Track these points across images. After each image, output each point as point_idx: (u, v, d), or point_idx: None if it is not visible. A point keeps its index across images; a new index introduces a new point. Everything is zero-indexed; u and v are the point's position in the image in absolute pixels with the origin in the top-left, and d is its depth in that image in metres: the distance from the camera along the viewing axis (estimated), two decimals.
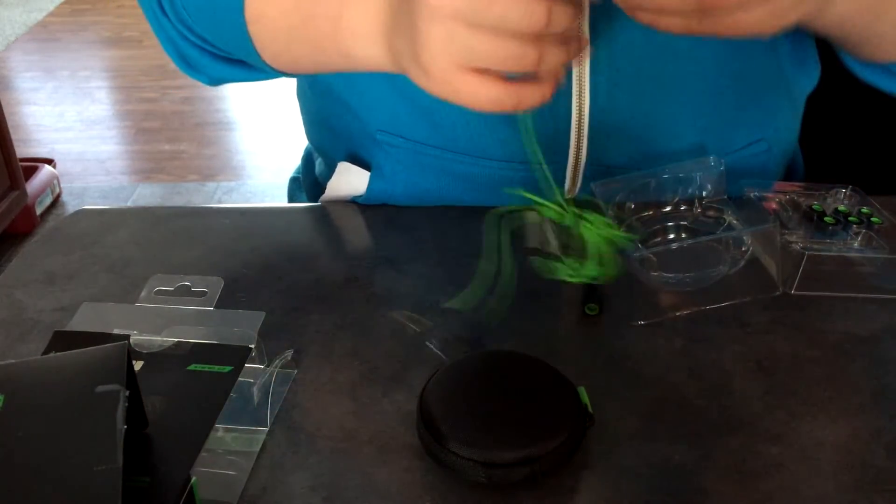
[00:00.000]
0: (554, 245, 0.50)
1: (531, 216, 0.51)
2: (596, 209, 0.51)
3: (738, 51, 0.72)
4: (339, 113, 0.78)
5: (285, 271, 0.70)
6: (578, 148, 0.73)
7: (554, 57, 0.49)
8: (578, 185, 0.75)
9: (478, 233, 0.73)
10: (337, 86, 0.76)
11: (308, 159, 0.91)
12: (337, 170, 0.79)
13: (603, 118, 0.71)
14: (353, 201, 0.80)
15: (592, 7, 0.67)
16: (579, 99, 0.71)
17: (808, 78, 0.79)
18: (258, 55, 0.66)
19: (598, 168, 0.73)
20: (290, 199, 0.95)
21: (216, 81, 0.74)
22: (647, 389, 0.57)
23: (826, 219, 0.66)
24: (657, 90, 0.72)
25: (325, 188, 0.81)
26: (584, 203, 0.50)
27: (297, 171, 0.94)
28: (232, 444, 0.54)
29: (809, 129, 0.85)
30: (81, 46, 3.63)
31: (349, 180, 0.79)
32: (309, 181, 0.90)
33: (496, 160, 0.74)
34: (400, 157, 0.75)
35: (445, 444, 0.50)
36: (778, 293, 0.65)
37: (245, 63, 0.70)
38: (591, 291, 0.61)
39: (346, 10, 0.58)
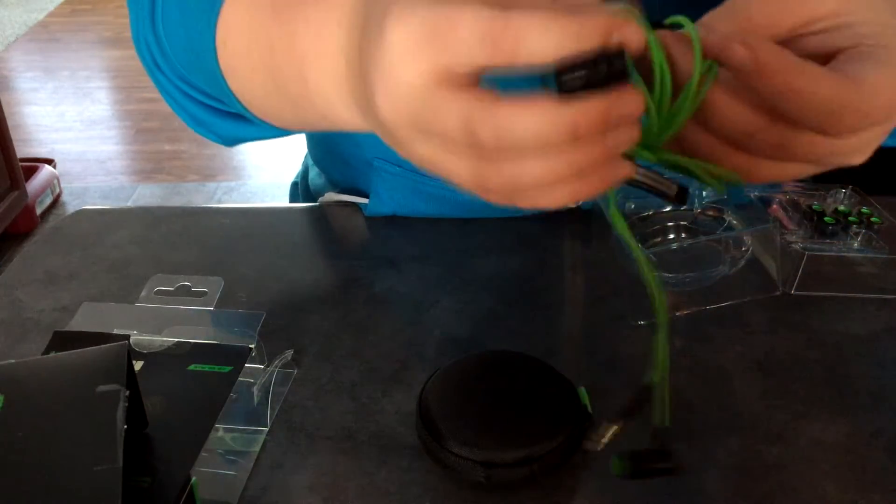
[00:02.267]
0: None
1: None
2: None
3: None
4: (337, 139, 0.78)
5: (285, 271, 0.70)
6: None
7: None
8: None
9: (478, 233, 0.74)
10: None
11: (307, 169, 0.91)
12: (332, 193, 0.79)
13: None
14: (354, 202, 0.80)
15: None
16: None
17: None
18: (248, 111, 0.57)
19: None
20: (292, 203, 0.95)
21: (230, 142, 0.67)
22: (647, 390, 0.57)
23: (826, 219, 0.66)
24: None
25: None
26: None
27: (298, 176, 0.94)
28: (232, 444, 0.54)
29: None
30: (82, 46, 3.63)
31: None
32: (307, 187, 0.90)
33: None
34: (396, 184, 0.74)
35: (445, 444, 0.50)
36: (778, 293, 0.65)
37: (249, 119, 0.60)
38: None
39: (307, 71, 0.47)
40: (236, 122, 0.62)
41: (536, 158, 0.35)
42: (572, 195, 0.37)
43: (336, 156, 0.80)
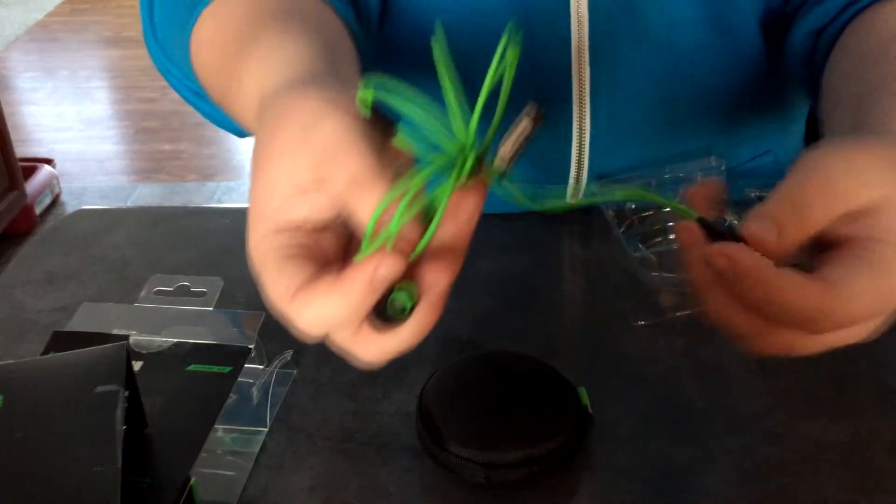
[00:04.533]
0: None
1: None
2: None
3: (745, 72, 0.72)
4: None
5: None
6: (579, 164, 0.73)
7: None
8: (580, 195, 0.75)
9: (478, 233, 0.73)
10: None
11: None
12: None
13: (605, 137, 0.71)
14: None
15: (594, 28, 0.67)
16: (580, 120, 0.71)
17: None
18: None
19: (598, 174, 0.73)
20: None
21: (244, 134, 0.65)
22: (648, 390, 0.57)
23: None
24: (660, 110, 0.72)
25: None
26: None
27: None
28: (231, 444, 0.54)
29: (814, 129, 0.85)
30: (81, 46, 3.63)
31: None
32: None
33: None
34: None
35: (445, 445, 0.50)
36: None
37: None
38: None
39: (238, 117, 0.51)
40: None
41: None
42: None
43: None
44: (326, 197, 0.38)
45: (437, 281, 0.37)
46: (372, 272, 0.35)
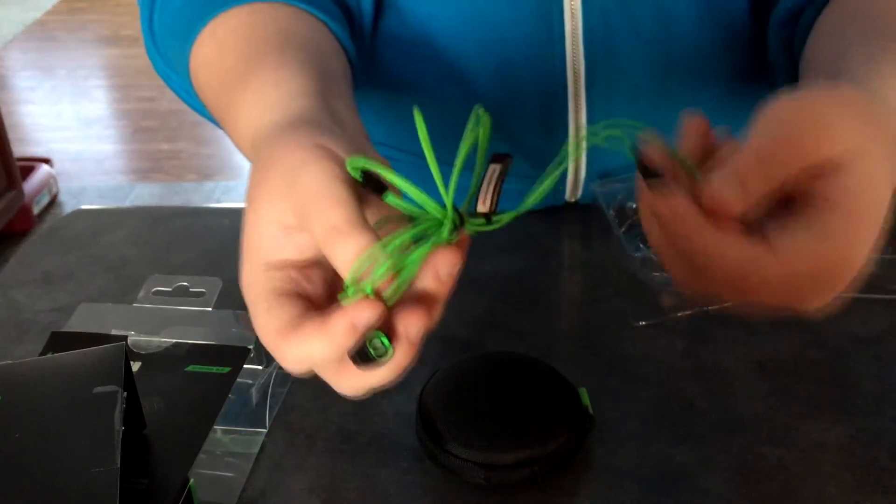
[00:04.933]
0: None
1: None
2: None
3: (739, 63, 0.72)
4: None
5: None
6: (577, 160, 0.73)
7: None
8: (580, 192, 0.75)
9: (477, 233, 0.73)
10: None
11: None
12: None
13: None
14: None
15: (588, 23, 0.67)
16: (575, 114, 0.71)
17: None
18: None
19: (597, 173, 0.73)
20: None
21: None
22: (649, 390, 0.57)
23: None
24: (655, 104, 0.72)
25: None
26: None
27: None
28: (230, 445, 0.54)
29: None
30: (79, 45, 3.63)
31: None
32: None
33: None
34: (399, 170, 0.74)
35: (445, 446, 0.50)
36: None
37: None
38: None
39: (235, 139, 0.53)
40: None
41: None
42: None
43: None
44: (310, 238, 0.40)
45: (411, 327, 0.39)
46: (354, 317, 0.37)
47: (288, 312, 0.40)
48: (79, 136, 2.92)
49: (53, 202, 2.53)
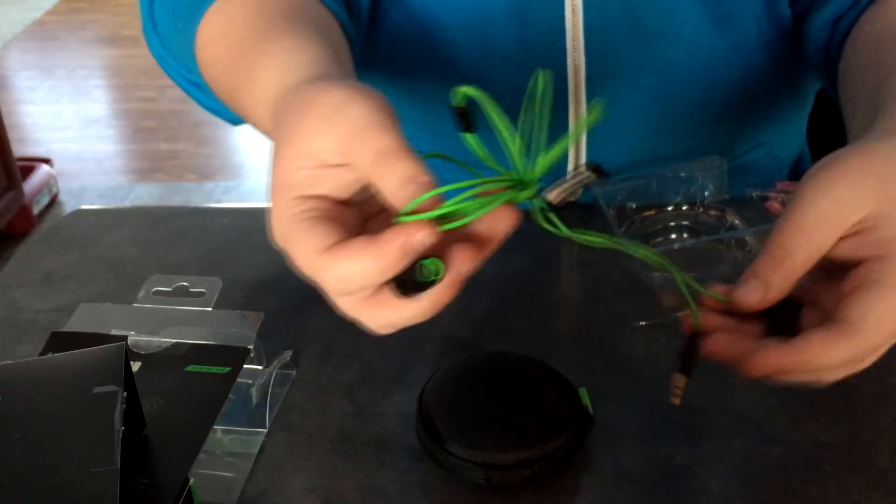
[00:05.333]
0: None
1: None
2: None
3: (741, 64, 0.72)
4: None
5: (284, 271, 0.69)
6: (577, 157, 0.73)
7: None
8: (580, 191, 0.75)
9: None
10: None
11: None
12: None
13: (601, 128, 0.71)
14: None
15: (589, 18, 0.67)
16: (575, 110, 0.71)
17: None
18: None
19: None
20: None
21: (238, 122, 0.67)
22: (648, 390, 0.57)
23: None
24: (654, 99, 0.72)
25: None
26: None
27: None
28: (230, 445, 0.54)
29: (818, 127, 0.85)
30: (79, 45, 3.62)
31: None
32: None
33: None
34: None
35: (445, 446, 0.50)
36: None
37: None
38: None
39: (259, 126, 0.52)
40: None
41: None
42: None
43: None
44: (351, 174, 0.40)
45: (463, 262, 0.39)
46: (409, 236, 0.37)
47: (331, 233, 0.39)
48: (79, 136, 2.91)
49: (53, 202, 2.53)
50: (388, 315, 0.41)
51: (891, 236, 0.42)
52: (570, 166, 0.74)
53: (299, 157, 0.41)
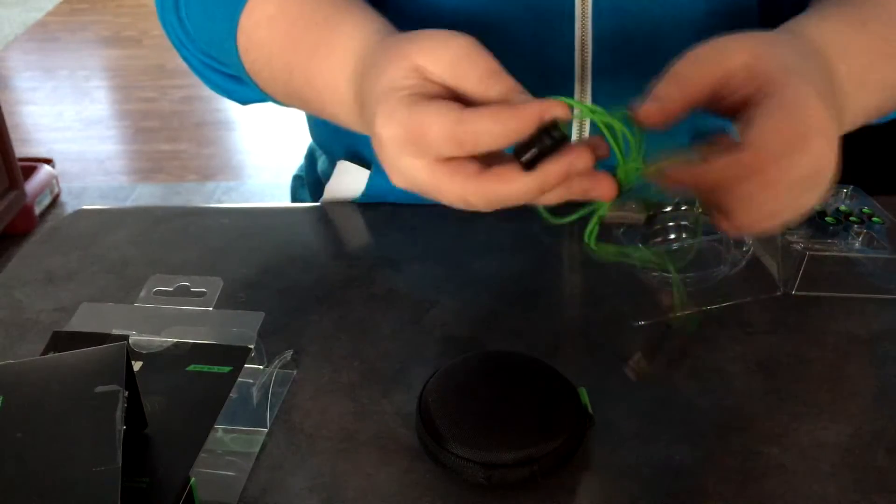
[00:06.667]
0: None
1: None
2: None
3: None
4: None
5: (285, 271, 0.70)
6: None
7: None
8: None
9: (478, 233, 0.73)
10: None
11: (311, 157, 0.91)
12: (336, 169, 0.79)
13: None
14: (353, 201, 0.79)
15: (598, 3, 0.67)
16: (581, 95, 0.71)
17: None
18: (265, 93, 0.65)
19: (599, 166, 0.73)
20: (293, 197, 0.95)
21: (248, 103, 0.72)
22: (648, 390, 0.57)
23: (827, 219, 0.66)
24: None
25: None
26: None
27: (301, 170, 0.94)
28: (231, 444, 0.54)
29: None
30: (80, 46, 3.63)
31: (349, 179, 0.78)
32: (312, 179, 0.90)
33: None
34: None
35: (445, 445, 0.50)
36: (779, 293, 0.65)
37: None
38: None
39: (325, 104, 0.57)
40: (254, 88, 0.66)
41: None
42: (555, 202, 0.48)
43: (339, 130, 0.80)
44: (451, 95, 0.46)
45: (579, 155, 0.44)
46: (544, 108, 0.43)
47: (451, 107, 0.44)
48: (80, 137, 2.92)
49: (55, 202, 2.53)
50: (497, 189, 0.44)
51: (773, 67, 0.47)
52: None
53: (410, 71, 0.46)
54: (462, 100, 0.46)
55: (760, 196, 0.47)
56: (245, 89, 0.68)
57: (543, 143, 0.43)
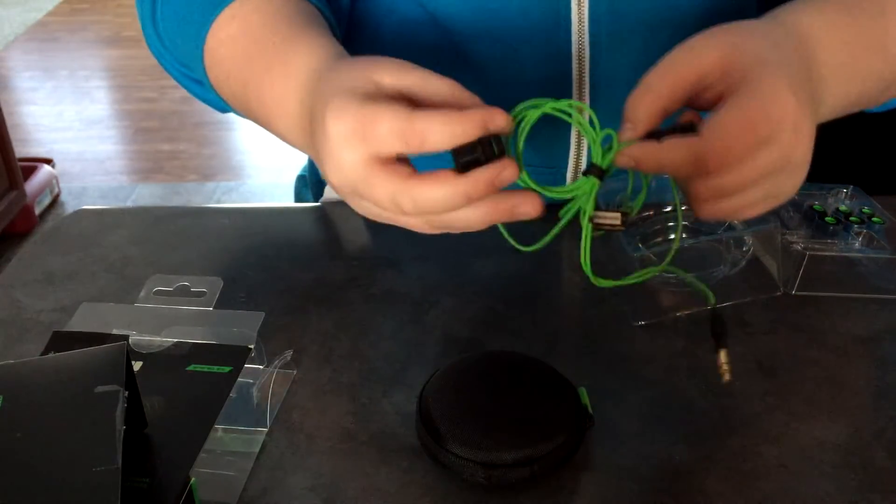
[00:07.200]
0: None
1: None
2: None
3: None
4: None
5: (285, 271, 0.70)
6: (578, 149, 0.73)
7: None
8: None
9: (478, 233, 0.73)
10: None
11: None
12: None
13: (603, 121, 0.71)
14: None
15: (595, 9, 0.67)
16: (579, 100, 0.71)
17: None
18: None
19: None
20: (297, 197, 0.95)
21: (226, 111, 0.71)
22: (648, 390, 0.57)
23: (827, 219, 0.66)
24: None
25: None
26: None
27: (304, 170, 0.94)
28: (231, 444, 0.54)
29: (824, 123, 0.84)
30: (80, 46, 3.63)
31: None
32: (315, 179, 0.90)
33: None
34: None
35: (445, 445, 0.50)
36: (779, 293, 0.65)
37: None
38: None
39: (272, 120, 0.58)
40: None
41: (445, 212, 0.48)
42: (483, 222, 0.50)
43: None
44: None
45: (506, 166, 0.46)
46: (487, 115, 0.45)
47: (403, 106, 0.45)
48: (80, 137, 2.92)
49: (55, 202, 2.53)
50: (426, 191, 0.46)
51: (746, 61, 0.49)
52: (572, 156, 0.73)
53: (367, 80, 0.47)
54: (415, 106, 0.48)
55: (729, 186, 0.48)
56: (220, 100, 0.69)
57: (481, 151, 0.45)
